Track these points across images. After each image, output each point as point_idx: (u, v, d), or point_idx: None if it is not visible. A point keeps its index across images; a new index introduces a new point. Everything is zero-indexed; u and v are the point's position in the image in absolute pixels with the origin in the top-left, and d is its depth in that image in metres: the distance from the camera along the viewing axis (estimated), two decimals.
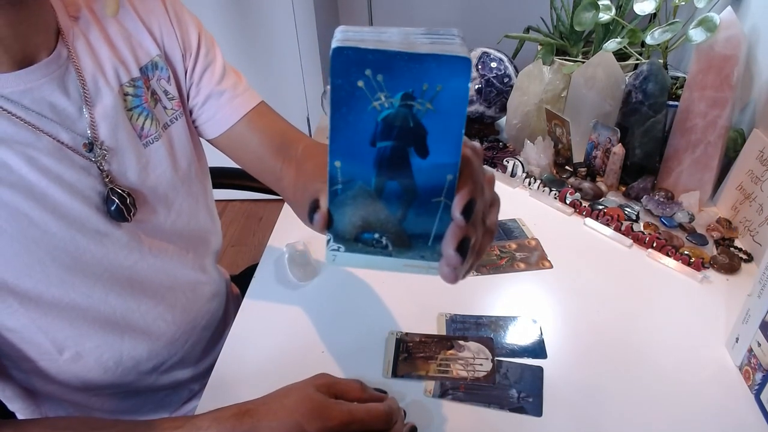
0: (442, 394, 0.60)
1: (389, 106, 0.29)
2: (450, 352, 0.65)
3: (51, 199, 0.52)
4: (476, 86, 1.08)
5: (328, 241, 0.35)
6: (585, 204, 0.90)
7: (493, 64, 1.08)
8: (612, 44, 0.89)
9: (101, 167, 0.56)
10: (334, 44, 0.27)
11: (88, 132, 0.55)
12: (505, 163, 1.01)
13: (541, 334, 0.67)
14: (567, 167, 1.01)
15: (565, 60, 0.98)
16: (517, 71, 1.09)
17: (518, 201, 0.95)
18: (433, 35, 0.29)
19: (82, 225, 0.55)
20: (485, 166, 0.46)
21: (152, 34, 0.62)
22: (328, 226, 0.34)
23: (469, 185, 0.32)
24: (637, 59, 0.94)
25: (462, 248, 0.33)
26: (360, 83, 0.28)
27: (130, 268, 0.61)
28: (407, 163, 0.31)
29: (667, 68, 0.93)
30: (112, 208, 0.56)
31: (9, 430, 0.48)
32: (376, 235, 0.34)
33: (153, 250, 0.63)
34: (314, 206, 0.35)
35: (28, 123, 0.50)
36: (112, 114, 0.57)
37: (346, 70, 0.27)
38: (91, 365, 0.61)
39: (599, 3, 0.90)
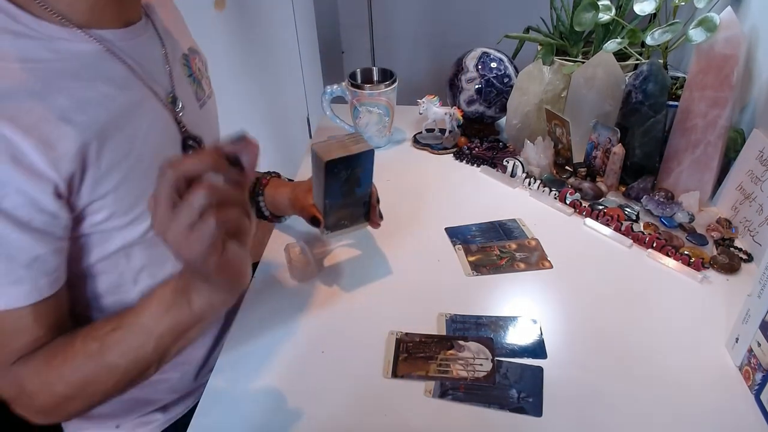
0: (442, 394, 0.60)
1: (345, 175, 0.67)
2: (450, 352, 0.65)
3: (152, 139, 0.60)
4: (476, 86, 1.08)
5: (323, 231, 0.71)
6: (585, 204, 0.90)
7: (493, 64, 1.08)
8: (612, 44, 0.89)
9: (179, 119, 0.65)
10: (324, 158, 0.63)
11: (170, 87, 0.65)
12: (505, 163, 1.01)
13: (541, 334, 0.67)
14: (567, 167, 1.00)
15: (565, 60, 0.98)
16: (517, 71, 1.09)
17: (518, 201, 0.95)
18: (353, 137, 0.67)
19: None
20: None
21: (184, 31, 0.75)
22: (324, 224, 0.71)
23: (375, 194, 0.74)
24: (637, 59, 0.94)
25: (379, 215, 0.75)
26: (335, 170, 0.65)
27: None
28: (353, 192, 0.70)
29: (667, 68, 0.93)
30: (189, 152, 0.64)
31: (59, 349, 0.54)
32: (343, 222, 0.73)
33: None
34: (315, 219, 0.72)
35: (135, 71, 0.59)
36: (181, 76, 0.68)
37: (331, 170, 0.64)
38: None
39: (599, 3, 0.90)
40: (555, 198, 0.93)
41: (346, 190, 0.69)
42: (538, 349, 0.65)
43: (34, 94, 0.49)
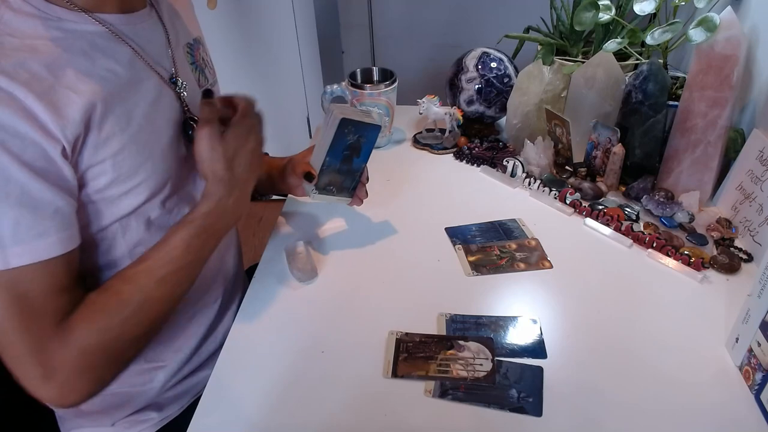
0: (442, 394, 0.60)
1: (352, 140, 0.73)
2: (450, 352, 0.65)
3: (153, 115, 0.63)
4: (476, 86, 1.08)
5: (312, 191, 0.77)
6: (585, 204, 0.90)
7: (493, 64, 1.08)
8: (612, 44, 0.89)
9: (182, 98, 0.68)
10: (339, 115, 0.70)
11: (173, 71, 0.68)
12: (505, 163, 1.01)
13: (541, 334, 0.67)
14: (567, 167, 1.00)
15: (565, 60, 0.98)
16: (517, 71, 1.09)
17: (518, 201, 0.95)
18: (366, 111, 0.89)
19: (175, 143, 0.67)
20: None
21: (192, 21, 0.78)
22: (316, 182, 0.76)
23: (366, 173, 0.81)
24: (637, 59, 0.94)
25: (365, 193, 0.83)
26: (346, 131, 0.72)
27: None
28: (351, 160, 0.76)
29: (667, 68, 0.93)
30: (190, 132, 0.67)
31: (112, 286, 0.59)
32: (330, 188, 0.78)
33: None
34: (309, 174, 0.76)
35: (138, 54, 0.63)
36: (183, 63, 0.71)
37: (342, 128, 0.71)
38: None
39: (599, 3, 0.89)
40: (555, 198, 0.93)
41: (347, 155, 0.75)
42: (538, 349, 0.65)
43: (46, 66, 0.53)
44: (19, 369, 0.54)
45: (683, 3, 0.87)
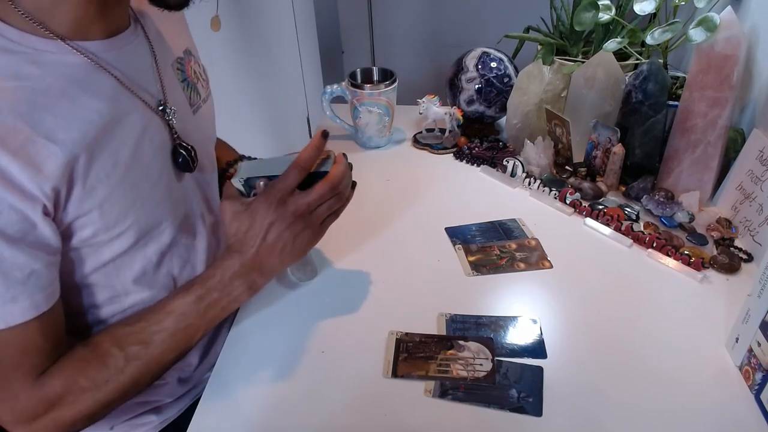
0: (442, 394, 0.60)
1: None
2: (450, 352, 0.65)
3: (141, 149, 0.59)
4: (476, 86, 1.08)
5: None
6: (585, 204, 0.90)
7: (493, 64, 1.08)
8: (612, 44, 0.89)
9: (171, 125, 0.64)
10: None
11: (161, 95, 0.63)
12: (505, 163, 1.01)
13: (541, 334, 0.67)
14: (567, 167, 1.00)
15: (565, 60, 0.98)
16: (517, 71, 1.09)
17: (518, 201, 0.95)
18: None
19: (165, 175, 0.63)
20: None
21: (182, 32, 0.74)
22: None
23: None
24: (637, 59, 0.94)
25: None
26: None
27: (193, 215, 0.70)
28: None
29: (667, 68, 0.93)
30: (180, 160, 0.64)
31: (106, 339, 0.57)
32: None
33: (207, 200, 0.74)
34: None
35: (123, 83, 0.58)
36: (172, 82, 0.67)
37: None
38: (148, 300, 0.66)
39: (599, 3, 0.89)
40: (555, 198, 0.93)
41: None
42: (538, 349, 0.65)
43: (21, 115, 0.48)
44: None
45: (683, 3, 0.87)
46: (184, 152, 0.64)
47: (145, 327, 0.58)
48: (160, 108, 0.62)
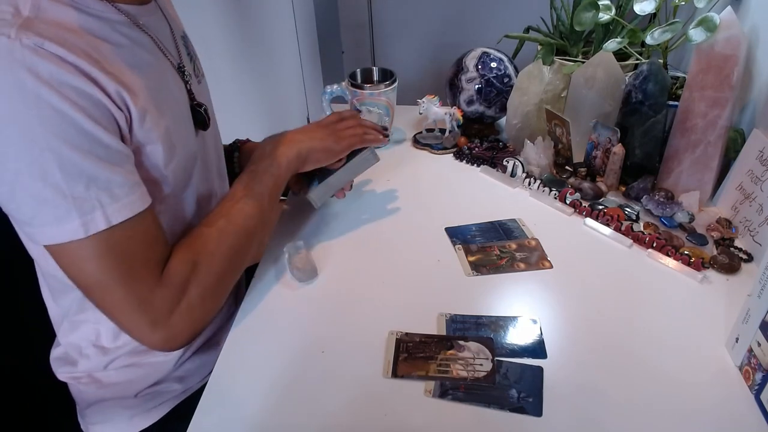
0: (442, 394, 0.60)
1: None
2: (450, 352, 0.65)
3: (176, 103, 0.67)
4: (476, 86, 1.08)
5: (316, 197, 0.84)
6: (585, 204, 0.90)
7: (493, 64, 1.08)
8: (612, 44, 0.89)
9: (189, 88, 0.71)
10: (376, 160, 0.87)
11: (179, 59, 0.71)
12: (505, 163, 1.01)
13: (541, 334, 0.67)
14: (567, 167, 1.00)
15: (565, 60, 0.98)
16: (517, 71, 1.09)
17: (518, 201, 0.95)
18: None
19: (192, 130, 0.71)
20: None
21: (178, 18, 0.80)
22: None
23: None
24: (637, 59, 0.94)
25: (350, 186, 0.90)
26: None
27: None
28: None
29: (667, 68, 0.93)
30: (198, 118, 0.71)
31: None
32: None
33: (215, 158, 0.82)
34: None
35: (157, 44, 0.66)
36: (183, 52, 0.73)
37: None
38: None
39: (599, 3, 0.89)
40: (555, 198, 0.93)
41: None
42: (538, 349, 0.65)
43: (97, 51, 0.55)
44: (127, 322, 0.58)
45: (683, 3, 0.87)
46: (200, 110, 0.71)
47: (220, 208, 0.68)
48: (180, 70, 0.70)
